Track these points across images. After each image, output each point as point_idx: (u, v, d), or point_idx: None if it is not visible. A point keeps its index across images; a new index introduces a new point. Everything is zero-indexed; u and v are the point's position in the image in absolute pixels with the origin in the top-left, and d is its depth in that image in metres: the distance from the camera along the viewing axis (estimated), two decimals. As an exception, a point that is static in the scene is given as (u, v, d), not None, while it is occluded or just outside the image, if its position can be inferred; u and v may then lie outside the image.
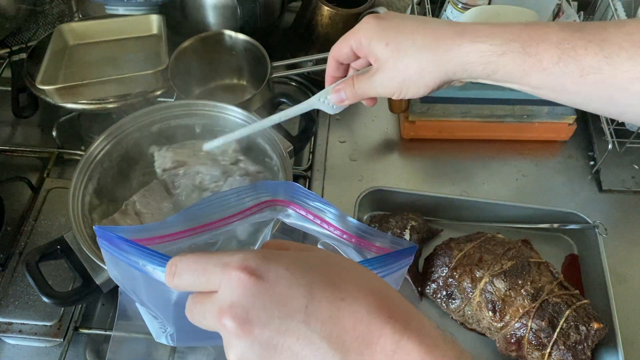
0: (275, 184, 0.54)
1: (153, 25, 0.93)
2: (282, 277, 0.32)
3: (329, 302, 0.32)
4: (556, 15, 0.96)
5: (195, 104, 0.78)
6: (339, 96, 0.57)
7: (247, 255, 0.33)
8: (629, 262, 0.79)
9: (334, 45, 0.57)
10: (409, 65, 0.50)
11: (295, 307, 0.32)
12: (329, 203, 0.52)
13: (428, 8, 0.96)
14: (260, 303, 0.32)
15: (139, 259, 0.38)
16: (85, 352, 0.70)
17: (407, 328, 0.32)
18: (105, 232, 0.40)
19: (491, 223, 0.79)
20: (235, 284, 0.32)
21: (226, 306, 0.32)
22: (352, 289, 0.33)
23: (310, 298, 0.32)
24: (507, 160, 0.92)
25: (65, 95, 0.81)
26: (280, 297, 0.32)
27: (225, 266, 0.33)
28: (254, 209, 0.53)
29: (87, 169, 0.71)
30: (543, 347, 0.64)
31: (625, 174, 0.89)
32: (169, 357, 0.67)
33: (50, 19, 1.03)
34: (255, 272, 0.32)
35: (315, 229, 0.54)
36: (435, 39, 0.49)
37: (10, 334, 0.69)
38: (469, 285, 0.68)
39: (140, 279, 0.41)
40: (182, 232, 0.49)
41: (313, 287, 0.32)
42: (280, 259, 0.34)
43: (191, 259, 0.34)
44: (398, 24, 0.51)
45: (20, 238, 0.77)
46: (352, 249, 0.52)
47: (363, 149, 0.93)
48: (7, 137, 0.93)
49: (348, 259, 0.38)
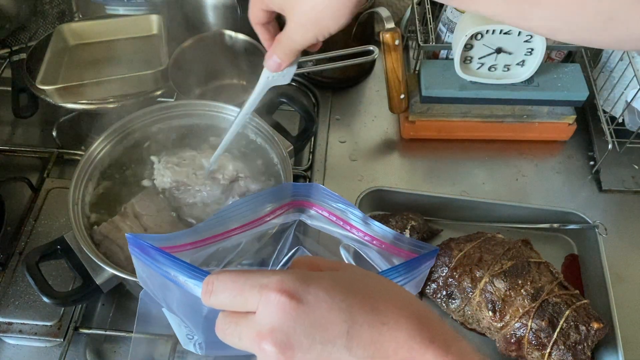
0: (299, 186, 0.55)
1: (153, 25, 0.93)
2: (322, 300, 0.32)
3: (370, 326, 0.32)
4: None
5: (195, 104, 0.78)
6: (273, 62, 0.55)
7: (285, 277, 0.33)
8: (629, 262, 0.79)
9: (249, 14, 0.54)
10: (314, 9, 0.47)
11: (336, 331, 0.31)
12: (351, 205, 0.52)
13: (428, 8, 0.96)
14: (301, 328, 0.31)
15: (174, 271, 0.38)
16: (85, 352, 0.70)
17: (448, 352, 0.32)
18: (138, 241, 0.40)
19: (491, 223, 0.79)
20: (275, 307, 0.32)
21: (266, 330, 0.32)
22: (393, 312, 0.33)
23: (352, 322, 0.32)
24: (507, 160, 0.92)
25: (65, 95, 0.81)
26: (321, 321, 0.31)
27: (263, 288, 0.32)
28: (277, 211, 0.54)
29: (87, 169, 0.71)
30: (543, 347, 0.64)
31: (625, 174, 0.89)
32: (169, 357, 0.67)
33: (50, 19, 1.03)
34: (295, 295, 0.32)
35: (337, 231, 0.54)
36: None
37: (10, 334, 0.69)
38: (469, 285, 0.68)
39: (172, 289, 0.41)
40: (209, 238, 0.50)
41: (354, 310, 0.32)
42: (318, 281, 0.33)
43: (228, 278, 0.34)
44: None
45: (20, 238, 0.77)
46: (374, 251, 0.52)
47: (363, 149, 0.93)
48: (7, 137, 0.93)
49: (384, 279, 0.38)
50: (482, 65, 0.85)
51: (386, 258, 0.52)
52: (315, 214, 0.55)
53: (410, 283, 0.44)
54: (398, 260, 0.51)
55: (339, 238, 0.55)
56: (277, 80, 0.59)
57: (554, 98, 0.86)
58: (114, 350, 0.71)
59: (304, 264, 0.38)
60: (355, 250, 0.54)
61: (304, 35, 0.50)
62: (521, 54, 0.83)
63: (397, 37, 0.86)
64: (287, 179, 0.69)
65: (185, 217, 0.71)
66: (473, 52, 0.84)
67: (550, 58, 0.97)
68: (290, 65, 0.56)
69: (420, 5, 0.99)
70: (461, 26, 0.84)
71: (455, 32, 0.86)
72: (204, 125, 0.79)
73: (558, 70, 0.88)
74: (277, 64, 0.55)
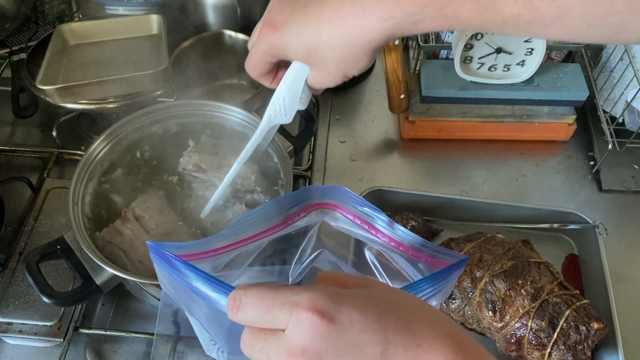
0: (324, 188, 0.54)
1: (153, 25, 0.93)
2: (356, 320, 0.31)
3: (405, 348, 0.31)
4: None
5: (195, 104, 0.78)
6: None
7: (316, 295, 0.32)
8: (629, 262, 0.79)
9: (248, 69, 0.54)
10: (336, 62, 0.49)
11: (370, 354, 0.31)
12: (378, 209, 0.52)
13: (428, 8, 0.96)
14: (333, 348, 0.30)
15: (197, 282, 0.38)
16: (85, 352, 0.70)
17: None
18: (160, 250, 0.40)
19: (491, 223, 0.79)
20: (307, 326, 0.31)
21: (297, 350, 0.31)
22: (427, 334, 0.32)
23: (386, 345, 0.31)
24: (507, 160, 0.92)
25: (65, 95, 0.81)
26: (355, 342, 0.31)
27: (294, 306, 0.32)
28: (301, 213, 0.54)
29: (87, 169, 0.71)
30: (543, 347, 0.64)
31: (625, 174, 0.89)
32: (169, 357, 0.67)
33: (50, 19, 1.03)
34: (327, 314, 0.31)
35: (362, 234, 0.53)
36: (344, 34, 0.47)
37: (10, 334, 0.69)
38: (469, 285, 0.68)
39: (194, 298, 0.41)
40: (231, 245, 0.49)
41: (388, 332, 0.31)
42: (351, 299, 0.32)
43: (257, 295, 0.33)
44: (298, 30, 0.48)
45: (20, 238, 0.77)
46: (400, 256, 0.52)
47: (363, 149, 0.93)
48: (7, 137, 0.93)
49: (414, 296, 0.37)
50: (482, 65, 0.85)
51: (412, 264, 0.51)
52: (339, 216, 0.54)
53: (439, 293, 0.44)
54: (424, 266, 0.50)
55: (364, 241, 0.54)
56: (280, 119, 0.58)
57: (554, 98, 0.86)
58: (114, 350, 0.71)
59: (330, 280, 0.37)
60: (380, 252, 0.54)
61: (327, 82, 0.52)
62: (521, 54, 0.83)
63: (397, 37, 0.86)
64: (287, 180, 0.69)
65: (186, 215, 0.71)
66: (473, 52, 0.84)
67: (550, 58, 0.97)
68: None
69: (420, 5, 0.99)
70: (461, 26, 0.84)
71: (455, 32, 0.86)
72: (203, 125, 0.79)
73: (558, 70, 0.88)
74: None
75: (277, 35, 0.49)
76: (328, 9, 0.47)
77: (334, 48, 0.47)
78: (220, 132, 0.78)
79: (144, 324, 0.73)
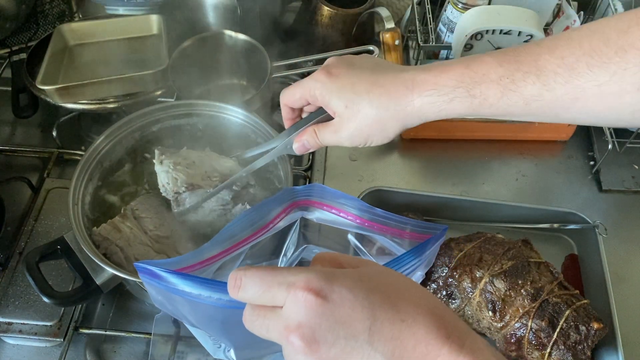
0: (299, 188, 0.56)
1: (153, 25, 0.93)
2: (346, 298, 0.34)
3: (391, 323, 0.34)
4: (556, 16, 0.96)
5: (195, 104, 0.78)
6: (302, 146, 0.60)
7: (311, 276, 0.35)
8: (629, 262, 0.79)
9: (284, 93, 0.60)
10: (372, 125, 0.54)
11: (359, 328, 0.34)
12: (352, 197, 0.54)
13: (428, 8, 0.96)
14: (326, 324, 0.34)
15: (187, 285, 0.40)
16: (85, 352, 0.70)
17: (463, 347, 0.34)
18: (146, 268, 0.43)
19: (491, 223, 0.79)
20: (302, 304, 0.34)
21: (293, 325, 0.34)
22: (412, 310, 0.35)
23: (373, 320, 0.34)
24: (507, 160, 0.92)
25: (65, 95, 0.81)
26: (345, 318, 0.34)
27: (291, 286, 0.35)
28: (281, 215, 0.56)
29: (87, 169, 0.71)
30: (543, 347, 0.64)
31: (625, 174, 0.89)
32: (169, 357, 0.67)
33: (50, 19, 1.03)
34: (321, 294, 0.34)
35: (342, 222, 0.55)
36: (389, 98, 0.53)
37: (10, 334, 0.69)
38: (469, 285, 0.68)
39: (183, 304, 0.43)
40: (216, 255, 0.52)
41: (375, 308, 0.34)
42: (342, 279, 0.35)
43: (256, 275, 0.36)
44: (352, 83, 0.54)
45: (20, 238, 0.77)
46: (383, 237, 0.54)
47: (363, 149, 0.93)
48: (7, 137, 0.93)
49: (401, 275, 0.40)
50: (482, 65, 0.85)
51: (393, 241, 0.53)
52: (317, 211, 0.57)
53: (423, 264, 0.47)
54: (407, 242, 0.53)
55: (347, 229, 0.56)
56: (290, 151, 0.62)
57: (554, 98, 0.86)
58: (114, 350, 0.71)
59: (326, 259, 0.40)
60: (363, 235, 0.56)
61: (352, 142, 0.57)
62: (521, 54, 0.83)
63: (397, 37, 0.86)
64: (287, 179, 0.69)
65: (187, 220, 0.71)
66: (473, 52, 0.84)
67: (550, 58, 0.97)
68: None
69: (420, 5, 0.99)
70: (461, 26, 0.84)
71: (455, 32, 0.86)
72: (204, 125, 0.79)
73: (558, 70, 0.88)
74: (306, 149, 0.60)
75: (329, 81, 0.54)
76: (381, 76, 0.53)
77: (372, 108, 0.53)
78: (220, 132, 0.78)
79: (144, 324, 0.73)
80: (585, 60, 0.45)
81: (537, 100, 0.48)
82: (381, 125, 0.54)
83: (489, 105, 0.50)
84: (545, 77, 0.47)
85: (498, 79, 0.49)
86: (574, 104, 0.47)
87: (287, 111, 0.61)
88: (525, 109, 0.49)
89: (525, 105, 0.49)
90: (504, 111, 0.50)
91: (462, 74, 0.50)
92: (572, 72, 0.46)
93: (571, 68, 0.46)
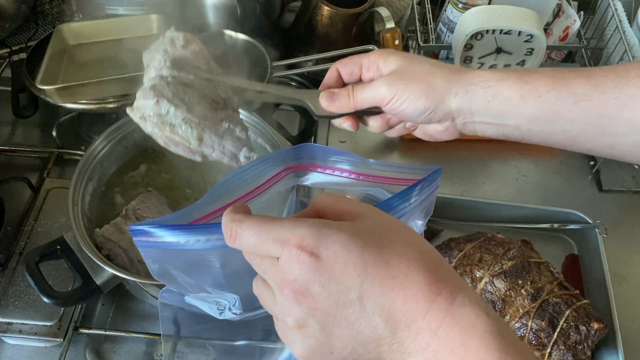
0: (289, 150, 0.54)
1: (153, 25, 0.92)
2: (339, 255, 0.35)
3: (382, 279, 0.35)
4: (556, 16, 0.96)
5: (195, 104, 0.78)
6: (331, 101, 0.59)
7: (305, 232, 0.36)
8: (629, 262, 0.79)
9: (344, 59, 0.59)
10: (419, 78, 0.54)
11: (351, 284, 0.35)
12: (345, 151, 0.53)
13: (428, 8, 0.96)
14: (320, 279, 0.35)
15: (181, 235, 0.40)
16: (85, 352, 0.70)
17: (452, 304, 0.34)
18: (139, 228, 0.41)
19: (491, 223, 0.79)
20: (296, 261, 0.35)
21: (289, 279, 0.36)
22: (404, 266, 0.35)
23: (365, 276, 0.35)
24: (507, 160, 0.92)
25: (65, 95, 0.81)
26: (338, 274, 0.35)
27: (285, 243, 0.36)
28: (275, 178, 0.54)
29: (87, 169, 0.71)
30: (543, 347, 0.64)
31: (625, 174, 0.89)
32: (169, 357, 0.67)
33: (50, 19, 1.03)
34: (314, 252, 0.35)
35: (339, 182, 0.54)
36: (444, 65, 0.55)
37: (10, 334, 0.69)
38: (469, 285, 0.68)
39: (178, 263, 0.43)
40: (211, 213, 0.50)
41: (367, 265, 0.35)
42: (337, 234, 0.36)
43: (251, 227, 0.37)
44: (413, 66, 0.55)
45: (20, 238, 0.77)
46: (381, 189, 0.53)
47: (363, 149, 0.93)
48: (7, 137, 0.93)
49: (402, 226, 0.40)
50: (482, 65, 0.85)
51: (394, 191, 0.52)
52: (310, 174, 0.55)
53: (418, 211, 0.46)
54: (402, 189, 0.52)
55: (340, 189, 0.55)
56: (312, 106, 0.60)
57: (554, 98, 0.86)
58: (114, 350, 0.71)
59: (327, 207, 0.40)
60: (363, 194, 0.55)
61: (388, 90, 0.55)
62: (521, 54, 0.83)
63: (397, 37, 0.86)
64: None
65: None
66: (473, 52, 0.84)
67: (551, 58, 0.97)
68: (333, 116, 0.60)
69: (420, 5, 0.99)
70: (461, 26, 0.84)
71: (455, 32, 0.86)
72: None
73: (558, 70, 0.88)
74: (331, 105, 0.59)
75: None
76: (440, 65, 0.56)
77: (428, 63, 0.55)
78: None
79: (144, 324, 0.73)
80: (635, 72, 0.48)
81: (586, 101, 0.49)
82: (428, 82, 0.54)
83: (537, 95, 0.51)
84: (596, 79, 0.49)
85: (551, 74, 0.51)
86: (622, 112, 0.48)
87: (332, 76, 0.60)
88: (572, 109, 0.50)
89: (573, 103, 0.50)
90: (550, 108, 0.51)
91: (517, 69, 0.52)
92: (622, 79, 0.48)
93: (621, 76, 0.48)
